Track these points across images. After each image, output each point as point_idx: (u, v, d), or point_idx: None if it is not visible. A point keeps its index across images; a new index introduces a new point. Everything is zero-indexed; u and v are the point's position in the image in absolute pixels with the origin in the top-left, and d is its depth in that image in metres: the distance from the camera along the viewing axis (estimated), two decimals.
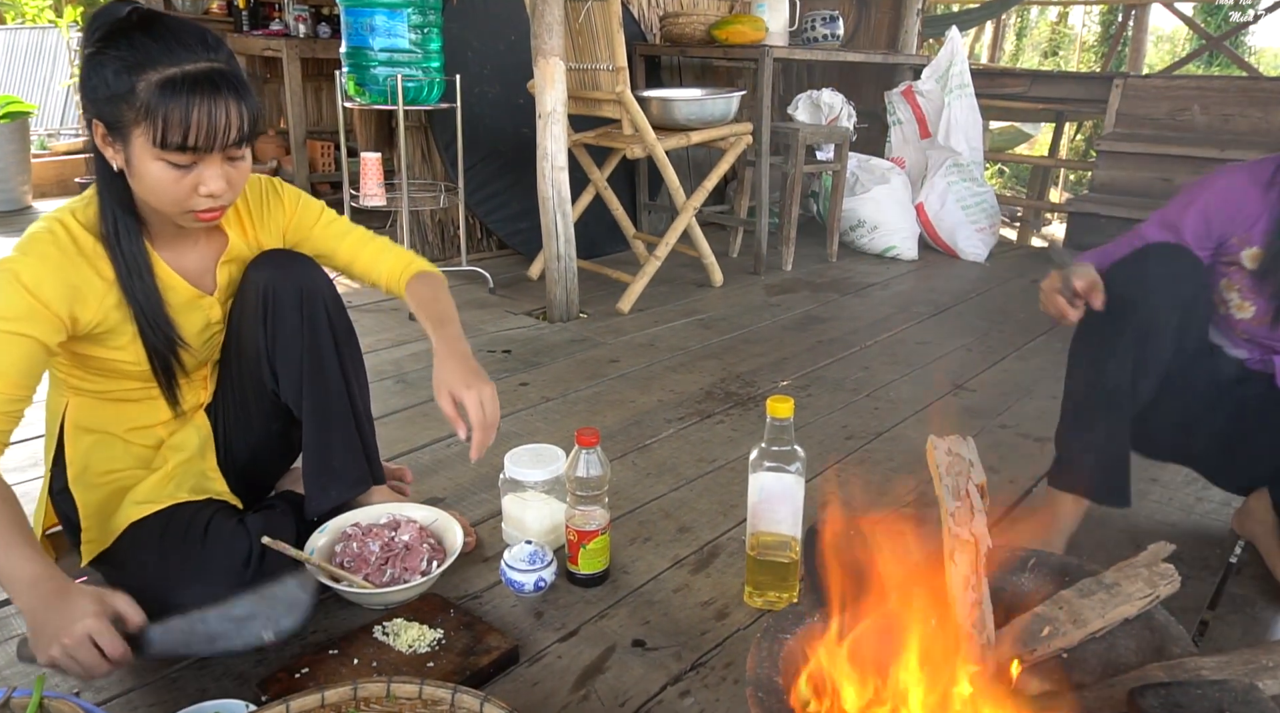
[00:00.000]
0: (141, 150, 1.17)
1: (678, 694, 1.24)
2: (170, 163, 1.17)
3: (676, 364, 2.58)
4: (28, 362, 1.19)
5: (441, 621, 1.33)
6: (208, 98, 1.15)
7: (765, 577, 1.42)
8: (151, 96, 1.14)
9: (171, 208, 1.22)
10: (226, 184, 1.22)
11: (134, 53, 1.15)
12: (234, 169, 1.23)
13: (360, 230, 1.56)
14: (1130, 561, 1.19)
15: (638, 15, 4.07)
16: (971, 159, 3.95)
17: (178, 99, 1.14)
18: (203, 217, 1.24)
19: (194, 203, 1.21)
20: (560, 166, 2.86)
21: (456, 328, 1.51)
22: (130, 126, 1.16)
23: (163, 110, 1.14)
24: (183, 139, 1.15)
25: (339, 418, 1.46)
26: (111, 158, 1.21)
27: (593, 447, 1.42)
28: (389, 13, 2.82)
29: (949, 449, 1.18)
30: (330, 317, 1.44)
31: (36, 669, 1.17)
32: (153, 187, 1.20)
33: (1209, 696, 0.83)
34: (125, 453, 1.39)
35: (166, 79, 1.14)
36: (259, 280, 1.39)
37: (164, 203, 1.22)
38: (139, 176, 1.20)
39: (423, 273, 1.57)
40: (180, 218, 1.25)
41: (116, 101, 1.15)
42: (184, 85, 1.14)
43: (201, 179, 1.20)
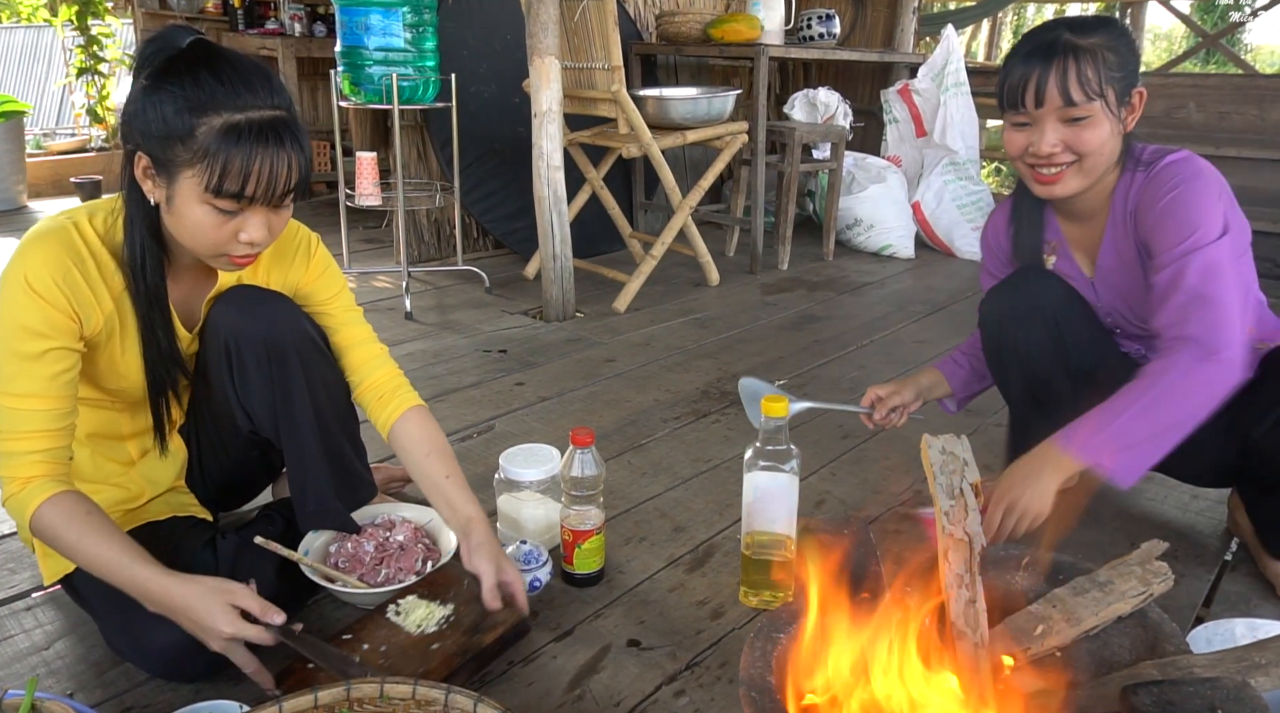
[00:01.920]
0: (189, 192, 1.12)
1: (672, 694, 1.24)
2: (217, 208, 1.13)
3: (672, 363, 2.58)
4: (69, 375, 1.18)
5: (454, 595, 1.32)
6: (271, 148, 1.11)
7: (760, 576, 1.42)
8: (212, 141, 1.09)
9: (207, 250, 1.18)
10: (268, 232, 1.18)
11: (199, 92, 1.09)
12: (277, 217, 1.19)
13: (368, 327, 1.48)
14: (1124, 558, 1.19)
15: (633, 14, 4.06)
16: (967, 157, 3.95)
17: (240, 147, 1.09)
18: (237, 261, 1.20)
19: (231, 248, 1.17)
20: (556, 166, 2.86)
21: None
22: (182, 167, 1.11)
23: (223, 157, 1.09)
24: (240, 189, 1.11)
25: (313, 464, 1.40)
26: (150, 192, 1.16)
27: (588, 446, 1.42)
28: (384, 12, 2.81)
29: (943, 448, 1.18)
30: (303, 363, 1.36)
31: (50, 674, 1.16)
32: (192, 229, 1.15)
33: (1201, 693, 0.83)
34: (90, 462, 1.34)
35: (231, 125, 1.09)
36: (222, 326, 1.32)
37: (200, 246, 1.17)
38: (179, 216, 1.15)
39: (423, 408, 1.45)
40: (213, 259, 1.21)
41: (172, 140, 1.10)
42: (249, 134, 1.10)
43: (244, 227, 1.16)
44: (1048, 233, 1.59)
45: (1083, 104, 1.34)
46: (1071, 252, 1.58)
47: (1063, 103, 1.35)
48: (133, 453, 1.38)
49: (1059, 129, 1.37)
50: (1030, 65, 1.36)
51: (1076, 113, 1.35)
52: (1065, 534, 1.29)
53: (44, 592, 1.43)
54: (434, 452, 1.40)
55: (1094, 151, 1.38)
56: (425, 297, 3.23)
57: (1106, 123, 1.37)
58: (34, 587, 1.44)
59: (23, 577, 1.48)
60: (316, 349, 1.39)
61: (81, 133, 5.65)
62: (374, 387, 1.44)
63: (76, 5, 5.09)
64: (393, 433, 1.42)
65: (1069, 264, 1.58)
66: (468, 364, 2.54)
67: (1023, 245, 1.60)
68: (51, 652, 1.30)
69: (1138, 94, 1.40)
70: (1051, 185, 1.42)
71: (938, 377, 1.75)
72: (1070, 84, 1.33)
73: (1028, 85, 1.36)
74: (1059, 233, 1.58)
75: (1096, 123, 1.36)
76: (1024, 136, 1.40)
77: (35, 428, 1.16)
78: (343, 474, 1.47)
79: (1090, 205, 1.50)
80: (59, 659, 1.28)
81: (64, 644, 1.31)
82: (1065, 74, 1.33)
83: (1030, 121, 1.39)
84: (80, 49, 5.22)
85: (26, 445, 1.16)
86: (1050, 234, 1.59)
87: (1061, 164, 1.39)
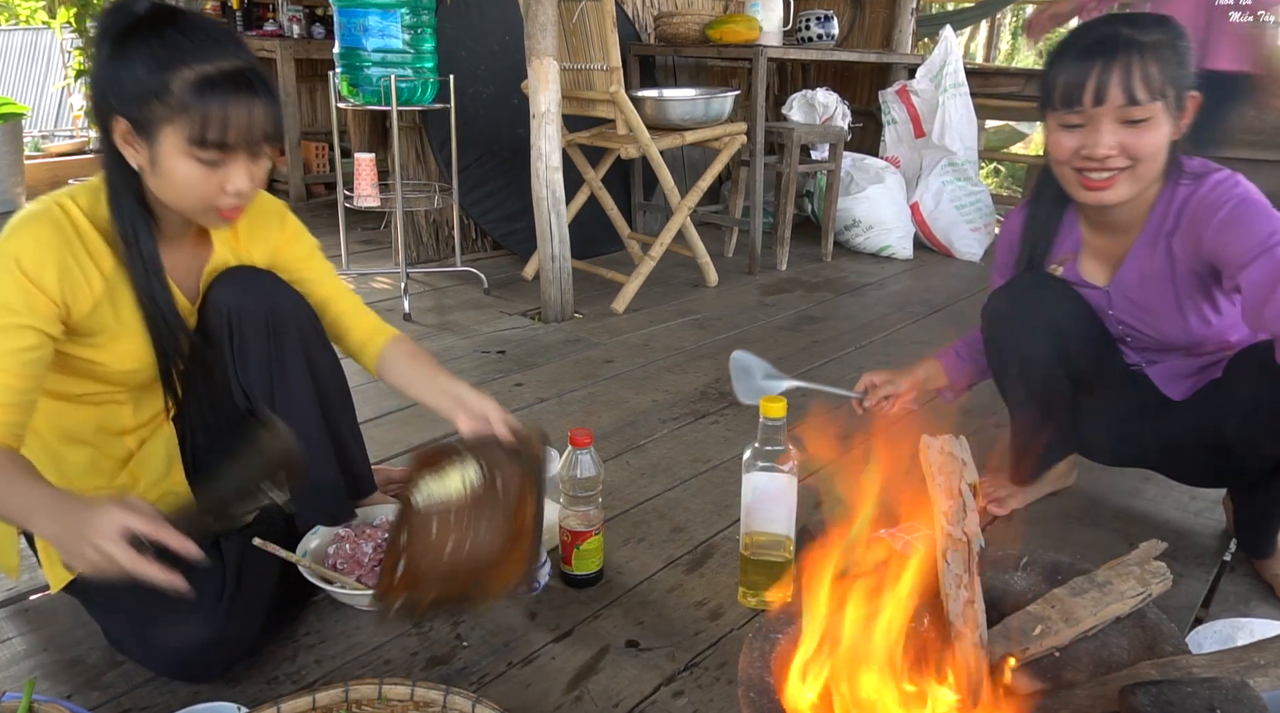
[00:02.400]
0: (171, 148, 1.15)
1: (671, 695, 1.24)
2: (200, 160, 1.15)
3: (671, 364, 2.58)
4: (32, 353, 1.16)
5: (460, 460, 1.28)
6: (244, 95, 1.15)
7: (759, 577, 1.41)
8: (188, 94, 1.12)
9: (195, 206, 1.20)
10: (251, 182, 1.21)
11: (168, 49, 1.12)
12: (257, 167, 1.22)
13: (343, 282, 1.54)
14: (1122, 559, 1.19)
15: (632, 15, 4.06)
16: (966, 158, 3.96)
17: (216, 96, 1.12)
18: (227, 214, 1.23)
19: (219, 201, 1.20)
20: (555, 167, 2.86)
21: None
22: (161, 124, 1.14)
23: (200, 107, 1.12)
24: (220, 136, 1.14)
25: (316, 448, 1.40)
26: (132, 157, 1.18)
27: (586, 447, 1.42)
28: (382, 13, 2.81)
29: (942, 448, 1.18)
30: (303, 341, 1.38)
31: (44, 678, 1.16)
32: (179, 185, 1.18)
33: (1200, 694, 0.83)
34: (89, 462, 1.34)
35: (204, 76, 1.12)
36: (223, 302, 1.34)
37: (189, 201, 1.19)
38: (165, 174, 1.17)
39: (405, 336, 1.52)
40: (201, 215, 1.23)
41: (148, 98, 1.12)
42: (222, 83, 1.13)
43: (229, 177, 1.18)
44: (1066, 241, 1.54)
45: (1145, 104, 1.27)
46: (1089, 261, 1.52)
47: (1125, 101, 1.27)
48: (131, 446, 1.38)
49: (1116, 131, 1.29)
50: (1089, 61, 1.28)
51: (1137, 113, 1.27)
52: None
53: (42, 594, 1.43)
54: (421, 359, 1.46)
55: (1150, 157, 1.31)
56: (424, 298, 3.23)
57: (1165, 125, 1.30)
58: (31, 589, 1.44)
59: (20, 580, 1.48)
60: (316, 331, 1.42)
61: (80, 134, 5.65)
62: (359, 332, 1.49)
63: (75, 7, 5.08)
64: (381, 360, 1.47)
65: (1078, 275, 1.53)
66: (466, 365, 2.54)
67: (1029, 253, 1.56)
68: (49, 654, 1.30)
69: (1191, 98, 1.33)
70: (1101, 192, 1.34)
71: (936, 368, 1.74)
72: (1135, 81, 1.26)
73: (1086, 82, 1.28)
74: (1078, 241, 1.53)
75: (1156, 125, 1.29)
76: (1075, 138, 1.32)
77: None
78: (341, 459, 1.47)
79: (1127, 217, 1.43)
80: (56, 662, 1.28)
81: (61, 647, 1.31)
82: (1129, 71, 1.26)
83: (1083, 122, 1.31)
84: (79, 51, 5.22)
85: None
86: (1069, 243, 1.53)
87: (1114, 169, 1.32)
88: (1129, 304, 1.49)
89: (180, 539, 1.05)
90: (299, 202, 4.97)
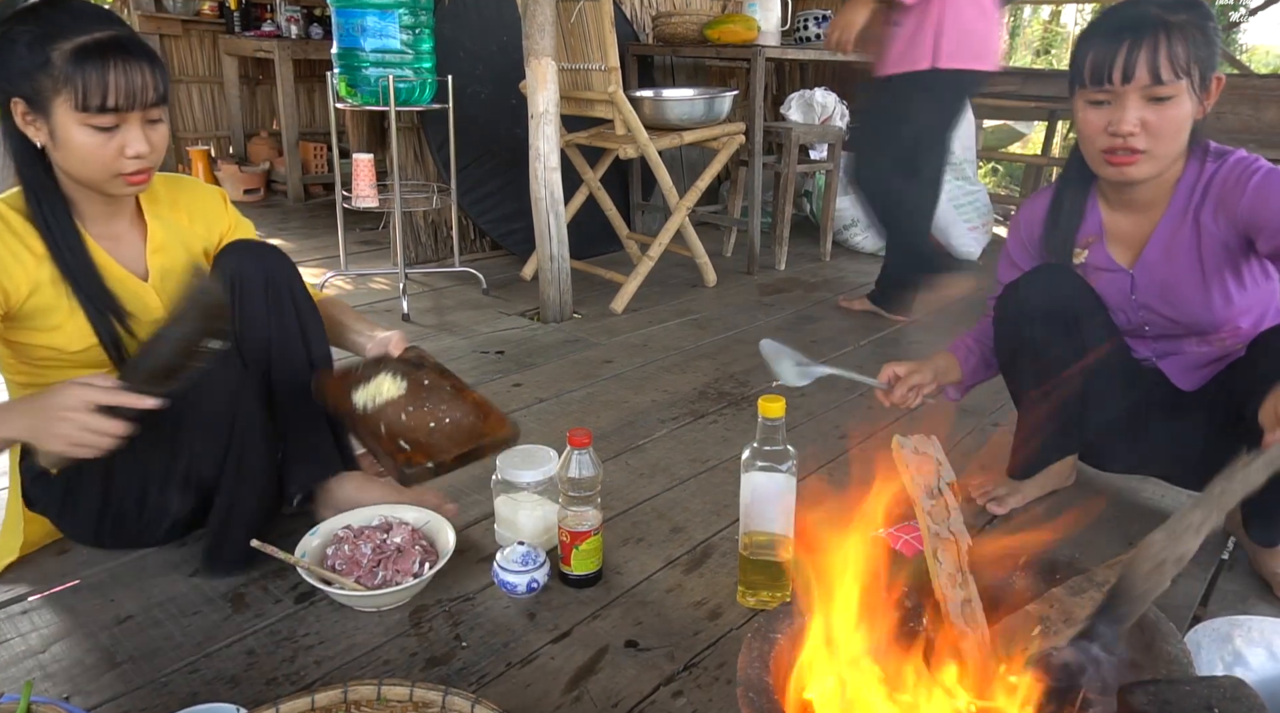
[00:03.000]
0: (65, 119, 1.23)
1: (670, 695, 1.24)
2: (94, 127, 1.23)
3: (670, 364, 2.58)
4: None
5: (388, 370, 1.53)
6: (122, 60, 1.22)
7: (758, 576, 1.42)
8: (68, 63, 1.20)
9: (100, 173, 1.27)
10: (149, 145, 1.28)
11: (43, 25, 1.21)
12: (154, 132, 1.29)
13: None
14: (1121, 558, 1.19)
15: (630, 15, 4.07)
16: (964, 158, 3.96)
17: (94, 62, 1.20)
18: (131, 179, 1.29)
19: (121, 166, 1.27)
20: (553, 167, 2.86)
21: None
22: (51, 97, 1.22)
23: (81, 75, 1.20)
24: (102, 99, 1.21)
25: (309, 406, 1.51)
26: (34, 135, 1.26)
27: (585, 447, 1.42)
28: (380, 13, 2.81)
29: (916, 448, 1.18)
30: (297, 305, 1.50)
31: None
32: (80, 154, 1.25)
33: (1198, 692, 0.83)
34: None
35: (79, 46, 1.20)
36: (227, 266, 1.45)
37: (92, 170, 1.27)
38: (65, 146, 1.25)
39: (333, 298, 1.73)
40: (109, 184, 1.29)
41: (34, 73, 1.21)
42: (97, 50, 1.21)
43: (126, 141, 1.26)
44: (1088, 225, 1.57)
45: (1170, 83, 1.31)
46: (1112, 244, 1.55)
47: (1150, 80, 1.31)
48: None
49: (1141, 108, 1.34)
50: (1118, 40, 1.32)
51: (1162, 91, 1.32)
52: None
53: (40, 595, 1.43)
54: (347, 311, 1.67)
55: (1172, 134, 1.35)
56: (422, 298, 3.23)
57: (1189, 104, 1.34)
58: (29, 590, 1.44)
59: (21, 580, 1.48)
60: (307, 296, 1.54)
61: None
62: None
63: None
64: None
65: (1105, 257, 1.55)
66: (465, 366, 2.54)
67: (1056, 237, 1.58)
68: (47, 655, 1.29)
69: (1216, 80, 1.37)
70: (1125, 167, 1.39)
71: (952, 361, 1.72)
72: (1160, 60, 1.30)
73: (1115, 60, 1.32)
74: (1101, 225, 1.56)
75: (1179, 103, 1.33)
76: (1102, 115, 1.37)
77: None
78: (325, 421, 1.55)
79: (1151, 195, 1.47)
80: (55, 663, 1.28)
81: (60, 648, 1.31)
82: (1156, 50, 1.30)
83: (1110, 99, 1.35)
84: None
85: None
86: (1091, 227, 1.57)
87: (1138, 147, 1.36)
88: (1153, 284, 1.51)
89: (138, 399, 1.19)
90: (297, 202, 4.97)
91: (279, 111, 4.92)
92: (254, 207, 4.90)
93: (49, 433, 1.16)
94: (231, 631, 1.35)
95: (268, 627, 1.36)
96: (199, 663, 1.28)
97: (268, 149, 5.22)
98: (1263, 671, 1.17)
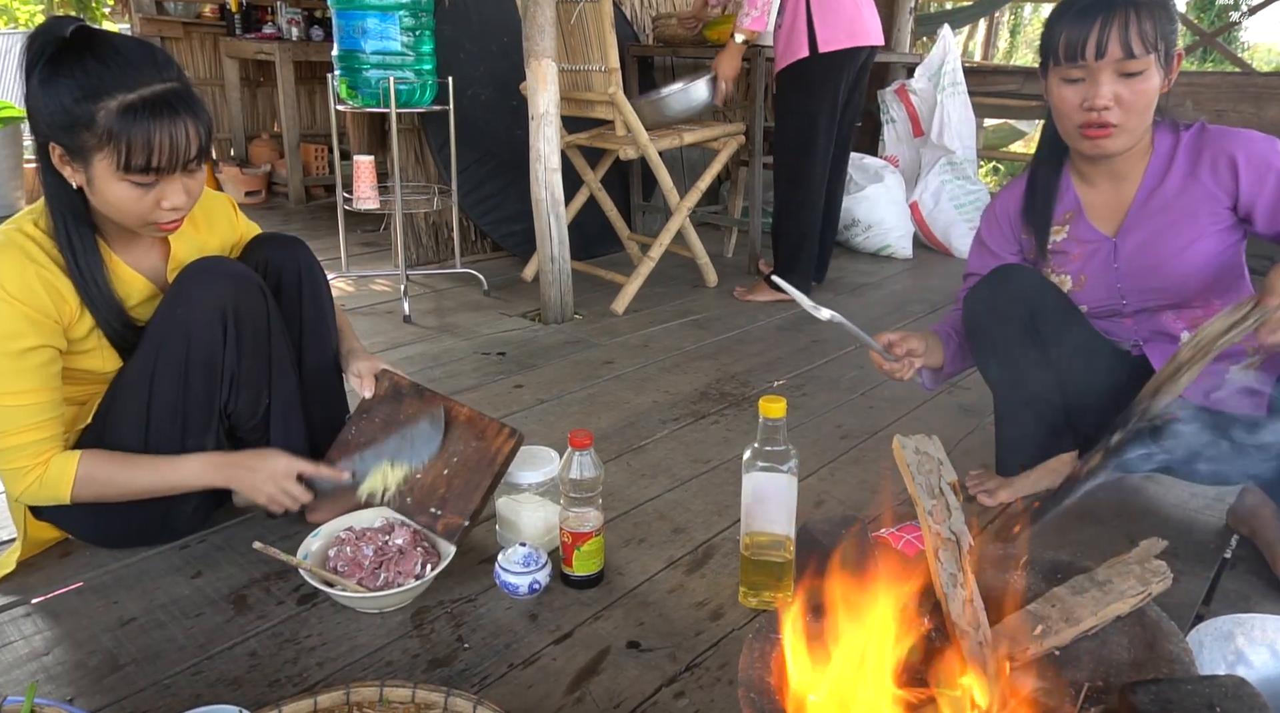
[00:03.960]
0: (104, 173, 1.21)
1: (672, 696, 1.24)
2: (134, 183, 1.22)
3: (671, 365, 2.58)
4: (52, 367, 1.29)
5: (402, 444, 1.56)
6: (168, 120, 1.20)
7: (759, 577, 1.42)
8: (113, 123, 1.17)
9: (135, 222, 1.28)
10: (187, 197, 1.28)
11: (89, 79, 1.17)
12: (192, 181, 1.29)
13: None
14: (1123, 557, 1.19)
15: (630, 16, 4.07)
16: (965, 157, 3.96)
17: (139, 124, 1.18)
18: (165, 227, 1.30)
19: (157, 216, 1.28)
20: (553, 168, 2.86)
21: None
22: (92, 151, 1.20)
23: (125, 136, 1.18)
24: (146, 162, 1.20)
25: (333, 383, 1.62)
26: (70, 177, 1.25)
27: (586, 448, 1.42)
28: (381, 15, 2.81)
29: (917, 448, 1.18)
30: (324, 293, 1.58)
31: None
32: (116, 205, 1.25)
33: (1200, 691, 0.84)
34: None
35: (126, 105, 1.17)
36: (261, 255, 1.52)
37: (127, 219, 1.27)
38: (101, 196, 1.24)
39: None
40: (142, 229, 1.30)
41: (77, 128, 1.19)
42: (144, 111, 1.18)
43: (164, 195, 1.25)
44: (1065, 202, 1.62)
45: (1141, 57, 1.37)
46: (1093, 216, 1.60)
47: (1123, 54, 1.37)
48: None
49: (1114, 82, 1.40)
50: (1089, 17, 1.39)
51: (1134, 65, 1.38)
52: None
53: (43, 598, 1.43)
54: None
55: (1144, 107, 1.42)
56: (423, 300, 3.23)
57: (1157, 77, 1.41)
58: (32, 592, 1.44)
59: (22, 583, 1.48)
60: (331, 293, 1.61)
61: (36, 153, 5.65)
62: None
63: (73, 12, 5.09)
64: None
65: (1087, 229, 1.60)
66: (466, 367, 2.55)
67: (1034, 215, 1.63)
68: (51, 658, 1.30)
69: (1178, 55, 1.44)
70: (1101, 140, 1.45)
71: (936, 341, 1.71)
72: (1132, 36, 1.37)
73: (1088, 37, 1.38)
74: (1077, 201, 1.61)
75: (1149, 77, 1.40)
76: (1078, 92, 1.43)
77: (34, 420, 1.29)
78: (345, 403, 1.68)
79: (1126, 167, 1.53)
80: (59, 665, 1.28)
81: (63, 650, 1.31)
82: (1126, 26, 1.36)
83: (1084, 76, 1.41)
84: None
85: (29, 437, 1.29)
86: (1068, 203, 1.61)
87: (1112, 121, 1.42)
88: (1134, 248, 1.55)
89: (334, 471, 1.48)
90: (298, 204, 4.98)
91: (280, 113, 4.92)
92: (255, 208, 4.91)
93: (254, 489, 1.41)
94: (234, 632, 1.35)
95: (270, 629, 1.36)
96: (202, 665, 1.28)
97: (269, 151, 5.23)
98: (1265, 670, 1.17)
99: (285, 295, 1.53)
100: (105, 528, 1.48)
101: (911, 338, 1.63)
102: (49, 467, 1.30)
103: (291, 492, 1.42)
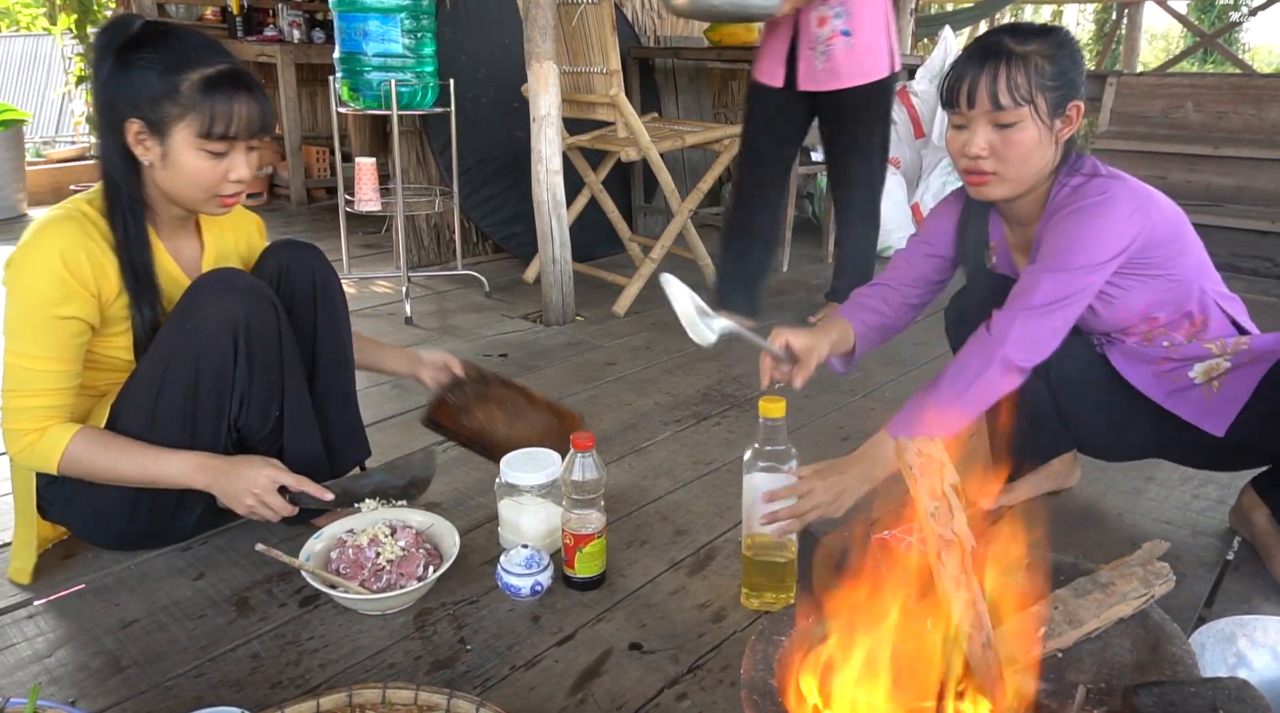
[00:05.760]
0: (183, 143, 1.32)
1: (675, 697, 1.24)
2: (209, 152, 1.33)
3: (673, 366, 2.58)
4: (77, 339, 1.35)
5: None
6: (244, 93, 1.33)
7: (761, 578, 1.42)
8: (197, 93, 1.30)
9: (202, 194, 1.37)
10: (250, 170, 1.38)
11: (173, 56, 1.30)
12: (255, 158, 1.40)
13: None
14: (1125, 559, 1.19)
15: (631, 18, 4.07)
16: None
17: (221, 93, 1.31)
18: (228, 202, 1.40)
19: (223, 188, 1.37)
20: (555, 170, 2.86)
21: None
22: (174, 122, 1.31)
23: (209, 104, 1.30)
24: (226, 127, 1.31)
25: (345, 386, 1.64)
26: (142, 155, 1.34)
27: (588, 450, 1.42)
28: (382, 18, 2.82)
29: (919, 450, 1.18)
30: (338, 298, 1.61)
31: None
32: (189, 175, 1.34)
33: (1203, 693, 0.84)
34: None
35: (208, 78, 1.30)
36: (276, 259, 1.56)
37: (197, 189, 1.36)
38: (175, 167, 1.34)
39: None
40: (206, 203, 1.39)
41: (161, 100, 1.29)
42: (223, 83, 1.31)
43: (232, 166, 1.36)
44: (991, 234, 1.64)
45: (1010, 109, 1.37)
46: (1014, 252, 1.62)
47: (991, 106, 1.38)
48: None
49: (988, 132, 1.40)
50: (968, 67, 1.40)
51: (1005, 118, 1.38)
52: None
53: (46, 599, 1.43)
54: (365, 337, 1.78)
55: (1020, 158, 1.40)
56: (425, 301, 3.23)
57: (1034, 130, 1.39)
58: (35, 594, 1.45)
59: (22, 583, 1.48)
60: (345, 299, 1.64)
61: (81, 141, 5.66)
62: None
63: (75, 14, 5.09)
64: None
65: (1008, 265, 1.63)
66: None
67: (967, 242, 1.65)
68: (53, 659, 1.30)
69: (1075, 107, 1.42)
70: (981, 187, 1.46)
71: (845, 329, 1.64)
72: (999, 88, 1.36)
73: (961, 86, 1.40)
74: (1001, 235, 1.63)
75: (1023, 129, 1.38)
76: (958, 138, 1.44)
77: (49, 387, 1.33)
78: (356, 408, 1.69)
79: (1027, 212, 1.52)
80: (61, 667, 1.28)
81: (66, 652, 1.32)
82: (995, 78, 1.36)
83: (965, 123, 1.42)
84: (79, 57, 5.23)
85: (38, 401, 1.33)
86: (994, 235, 1.64)
87: (986, 169, 1.42)
88: None
89: (319, 489, 1.43)
90: (300, 206, 4.98)
91: (281, 116, 4.93)
92: (257, 211, 4.88)
93: (234, 498, 1.40)
94: (236, 634, 1.35)
95: (272, 631, 1.36)
96: (204, 667, 1.28)
97: (271, 153, 5.23)
98: (1267, 672, 1.17)
99: (299, 301, 1.56)
100: (112, 530, 1.49)
101: (814, 348, 1.55)
102: (44, 435, 1.33)
103: (271, 505, 1.40)
